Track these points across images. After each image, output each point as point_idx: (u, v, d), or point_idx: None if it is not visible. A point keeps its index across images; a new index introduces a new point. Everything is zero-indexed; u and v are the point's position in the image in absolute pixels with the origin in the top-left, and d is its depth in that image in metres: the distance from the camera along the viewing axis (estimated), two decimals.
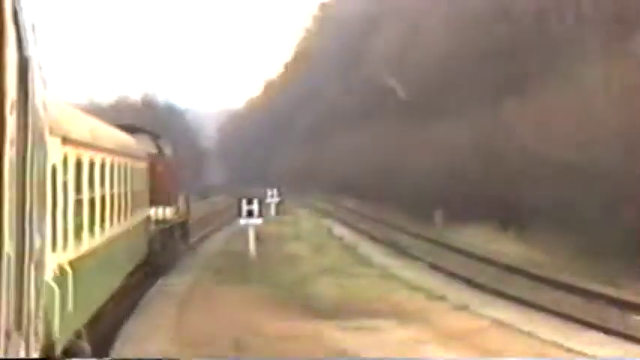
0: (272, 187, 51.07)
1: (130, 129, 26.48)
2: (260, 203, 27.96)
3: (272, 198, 48.61)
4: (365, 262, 32.79)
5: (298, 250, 34.63)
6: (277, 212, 50.24)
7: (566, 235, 36.02)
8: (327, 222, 56.09)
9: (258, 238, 29.99)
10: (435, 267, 31.93)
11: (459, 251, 36.07)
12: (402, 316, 19.87)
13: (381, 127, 77.54)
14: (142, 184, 24.14)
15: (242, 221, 28.13)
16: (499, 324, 19.31)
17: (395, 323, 19.08)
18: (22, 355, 3.56)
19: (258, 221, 27.91)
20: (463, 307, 21.75)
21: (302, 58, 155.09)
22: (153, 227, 27.62)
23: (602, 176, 34.39)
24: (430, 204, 52.93)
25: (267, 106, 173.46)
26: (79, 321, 13.25)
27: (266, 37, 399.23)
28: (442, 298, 23.42)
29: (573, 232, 35.48)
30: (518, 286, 25.60)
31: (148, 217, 26.74)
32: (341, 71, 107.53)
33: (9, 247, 2.81)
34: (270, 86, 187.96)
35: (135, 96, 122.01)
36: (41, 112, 4.23)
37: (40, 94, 4.00)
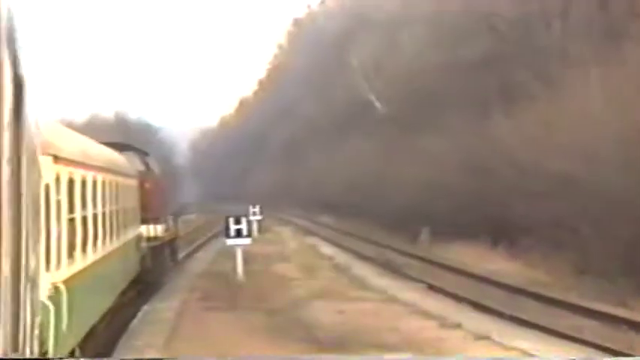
0: (250, 204, 49.71)
1: (119, 146, 26.45)
2: (248, 222, 26.47)
3: (255, 215, 47.15)
4: (361, 283, 31.19)
5: (288, 272, 33.01)
6: (260, 230, 48.84)
7: (561, 253, 34.84)
8: (312, 240, 54.49)
9: (244, 258, 28.55)
10: (434, 288, 30.62)
11: (455, 271, 34.65)
12: (418, 348, 18.02)
13: (362, 143, 76.32)
14: (132, 202, 24.38)
15: (229, 241, 26.19)
16: (530, 356, 17.63)
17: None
18: None
19: (247, 241, 26.28)
20: (484, 337, 19.92)
21: (276, 75, 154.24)
22: (144, 245, 27.46)
23: (597, 190, 33.24)
24: (414, 221, 51.71)
25: (241, 123, 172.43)
26: (74, 340, 13.42)
27: (239, 54, 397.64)
28: (458, 326, 21.66)
29: (568, 249, 34.33)
30: (533, 310, 23.98)
31: (140, 235, 26.70)
32: (317, 87, 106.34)
33: (5, 267, 2.84)
34: (243, 103, 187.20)
35: (107, 113, 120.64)
36: (34, 131, 4.25)
37: (33, 112, 4.03)
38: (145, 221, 27.27)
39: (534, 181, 36.87)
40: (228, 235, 25.88)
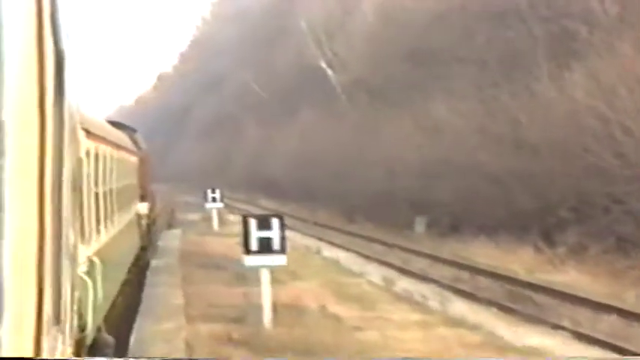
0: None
1: (111, 124, 24.65)
2: (281, 226, 16.67)
3: (214, 202, 38.03)
4: (393, 294, 22.75)
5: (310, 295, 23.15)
6: (220, 222, 39.52)
7: (629, 257, 26.73)
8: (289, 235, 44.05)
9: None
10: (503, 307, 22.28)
11: (512, 282, 25.82)
12: None
13: (319, 116, 67.48)
14: (134, 178, 24.94)
15: (250, 262, 15.55)
16: None
17: None
18: (60, 350, 3.52)
19: (281, 261, 15.55)
20: None
21: (200, 47, 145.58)
22: (143, 221, 27.52)
23: None
24: (399, 208, 43.12)
25: (160, 99, 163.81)
26: (103, 312, 13.54)
27: (157, 30, 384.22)
28: None
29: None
30: None
31: (139, 211, 26.66)
32: (254, 56, 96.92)
33: (48, 244, 2.82)
34: (163, 78, 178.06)
35: None
36: (74, 106, 4.11)
37: (72, 87, 3.89)
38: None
39: (600, 161, 28.40)
40: (248, 250, 15.49)
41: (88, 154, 12.48)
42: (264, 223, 15.24)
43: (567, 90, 30.35)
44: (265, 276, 16.06)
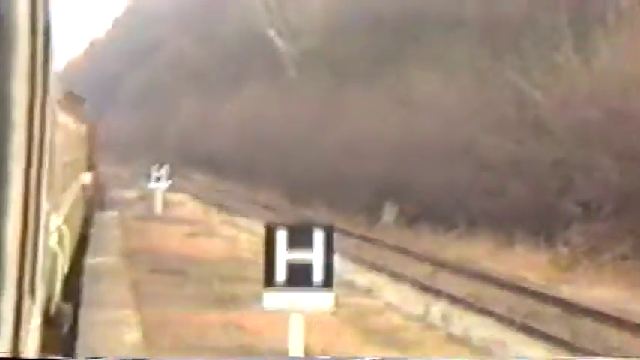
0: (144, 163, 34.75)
1: None
2: (331, 253, 9.81)
3: (158, 182, 32.18)
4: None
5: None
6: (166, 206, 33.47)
7: None
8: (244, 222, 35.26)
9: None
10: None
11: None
12: None
13: (258, 92, 61.73)
14: (84, 147, 24.65)
15: (269, 304, 9.37)
16: None
17: None
18: (35, 323, 3.54)
19: (326, 304, 9.57)
20: None
21: (136, 12, 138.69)
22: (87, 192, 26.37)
23: None
24: (361, 192, 37.78)
25: (91, 65, 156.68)
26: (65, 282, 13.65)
27: None
28: None
29: None
30: None
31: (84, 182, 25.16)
32: (193, 24, 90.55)
33: (31, 215, 2.80)
34: (95, 44, 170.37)
35: None
36: (53, 78, 4.01)
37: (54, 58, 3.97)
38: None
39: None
40: (270, 281, 8.87)
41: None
42: (299, 238, 8.94)
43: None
44: (297, 323, 9.50)
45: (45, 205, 3.77)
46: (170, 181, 33.58)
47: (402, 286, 22.27)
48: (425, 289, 21.69)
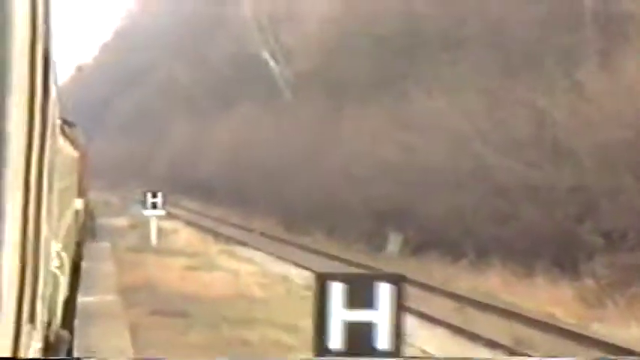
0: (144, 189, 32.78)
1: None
2: None
3: (154, 209, 30.22)
4: None
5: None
6: (160, 235, 31.38)
7: None
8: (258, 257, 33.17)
9: None
10: None
11: None
12: None
13: (250, 115, 59.93)
14: (76, 173, 23.94)
15: None
16: None
17: None
18: (36, 347, 3.52)
19: None
20: None
21: (125, 37, 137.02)
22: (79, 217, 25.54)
23: None
24: (361, 219, 35.99)
25: (78, 91, 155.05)
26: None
27: (78, 20, 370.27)
28: None
29: None
30: None
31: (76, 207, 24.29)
32: (184, 47, 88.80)
33: (29, 239, 2.78)
34: (82, 70, 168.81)
35: None
36: (54, 100, 4.19)
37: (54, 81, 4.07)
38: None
39: None
40: (323, 348, 6.90)
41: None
42: (360, 293, 6.61)
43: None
44: None
45: (45, 230, 3.73)
46: (164, 209, 31.52)
47: (435, 330, 20.11)
48: (459, 331, 19.71)
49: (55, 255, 10.69)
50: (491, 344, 18.13)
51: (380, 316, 6.42)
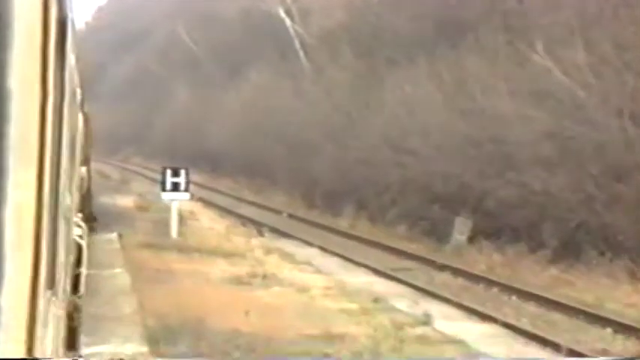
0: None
1: None
2: None
3: (175, 192, 24.94)
4: None
5: None
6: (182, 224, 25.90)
7: None
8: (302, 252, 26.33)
9: None
10: None
11: None
12: None
13: (266, 79, 54.71)
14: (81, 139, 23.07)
15: None
16: None
17: None
18: (53, 313, 3.44)
19: None
20: None
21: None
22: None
23: None
24: (413, 200, 30.91)
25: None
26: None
27: None
28: None
29: None
30: None
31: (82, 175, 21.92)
32: (188, 5, 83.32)
33: (45, 206, 2.76)
34: (78, 34, 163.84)
35: None
36: (74, 68, 4.09)
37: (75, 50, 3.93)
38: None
39: None
40: None
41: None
42: None
43: None
44: None
45: (67, 198, 3.81)
46: (188, 193, 25.89)
47: None
48: None
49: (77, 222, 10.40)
50: None
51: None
